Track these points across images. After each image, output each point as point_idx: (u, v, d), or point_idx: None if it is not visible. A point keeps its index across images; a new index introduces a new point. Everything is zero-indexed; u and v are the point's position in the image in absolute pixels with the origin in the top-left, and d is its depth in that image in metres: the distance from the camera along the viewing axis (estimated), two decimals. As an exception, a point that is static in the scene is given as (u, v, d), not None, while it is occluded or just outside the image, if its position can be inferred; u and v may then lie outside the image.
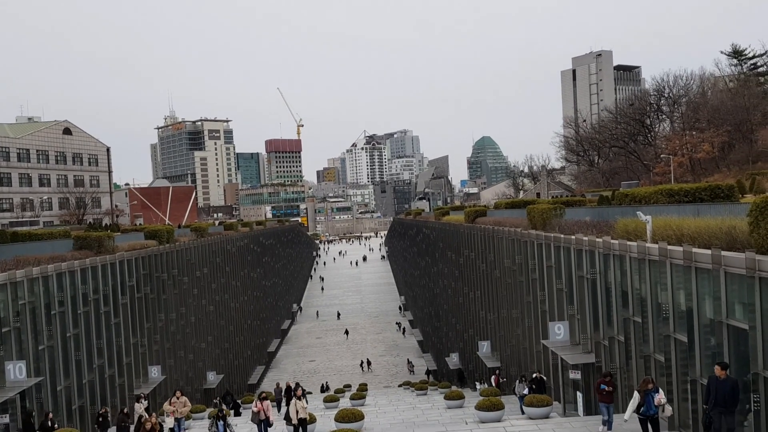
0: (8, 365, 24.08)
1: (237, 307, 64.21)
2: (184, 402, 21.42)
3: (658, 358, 18.75)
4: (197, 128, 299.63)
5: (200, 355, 49.28)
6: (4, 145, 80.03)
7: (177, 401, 21.03)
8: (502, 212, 44.11)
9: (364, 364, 70.46)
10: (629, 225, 21.28)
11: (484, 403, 21.20)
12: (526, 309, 32.67)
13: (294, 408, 19.71)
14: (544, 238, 28.70)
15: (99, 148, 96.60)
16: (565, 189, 78.40)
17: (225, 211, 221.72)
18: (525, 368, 33.58)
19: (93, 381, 31.63)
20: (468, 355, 50.30)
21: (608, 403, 17.58)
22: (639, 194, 26.89)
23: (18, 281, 26.04)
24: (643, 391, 15.38)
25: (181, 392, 22.44)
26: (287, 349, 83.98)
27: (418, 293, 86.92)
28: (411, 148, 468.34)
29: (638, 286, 19.79)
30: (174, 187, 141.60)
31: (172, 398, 21.38)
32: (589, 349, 24.41)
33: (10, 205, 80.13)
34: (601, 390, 17.75)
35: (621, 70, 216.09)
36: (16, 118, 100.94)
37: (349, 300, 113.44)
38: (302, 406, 19.85)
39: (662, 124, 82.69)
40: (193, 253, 49.49)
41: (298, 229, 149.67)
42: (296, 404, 19.80)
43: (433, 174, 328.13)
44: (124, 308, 35.59)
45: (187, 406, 21.90)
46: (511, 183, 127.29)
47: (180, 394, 21.57)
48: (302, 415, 19.70)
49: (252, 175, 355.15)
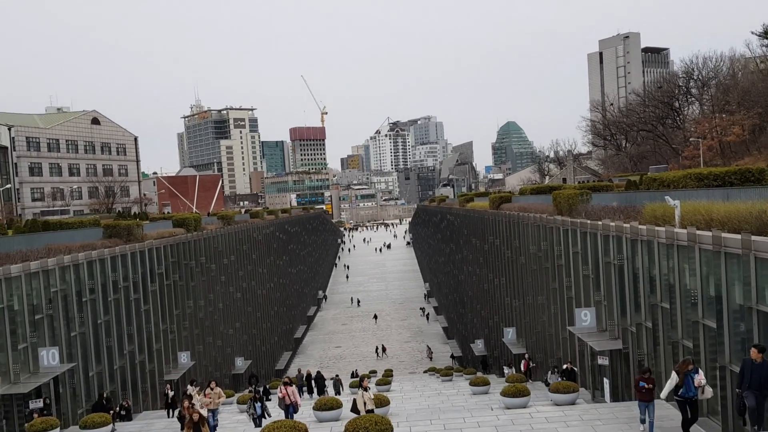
0: (41, 351, 24.68)
1: (263, 294, 64.86)
2: (219, 393, 21.55)
3: (687, 345, 18.56)
4: (223, 117, 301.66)
5: (228, 341, 49.95)
6: (35, 136, 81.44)
7: (211, 392, 21.19)
8: (528, 198, 43.81)
9: (379, 349, 71.02)
10: (657, 210, 21.01)
11: (510, 389, 21.20)
12: (552, 295, 32.50)
13: (361, 399, 18.71)
14: (570, 224, 28.46)
15: (127, 138, 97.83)
16: (592, 174, 77.49)
17: (251, 199, 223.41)
18: (551, 355, 33.47)
19: (124, 367, 32.29)
20: (493, 342, 50.25)
21: (648, 402, 16.33)
22: (667, 178, 26.52)
23: (50, 269, 26.61)
24: (683, 372, 14.78)
25: (216, 383, 22.62)
26: (313, 335, 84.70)
27: (443, 280, 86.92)
28: (435, 135, 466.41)
29: (666, 272, 19.57)
30: (201, 176, 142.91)
31: (206, 389, 21.59)
32: (616, 336, 24.23)
33: (41, 194, 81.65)
34: (640, 387, 16.34)
35: (649, 52, 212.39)
36: (46, 109, 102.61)
37: (373, 287, 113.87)
38: (369, 397, 18.93)
39: (691, 107, 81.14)
40: (220, 241, 50.04)
41: (322, 217, 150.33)
42: (363, 396, 18.82)
43: (457, 160, 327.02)
44: (154, 295, 36.18)
45: (222, 398, 21.95)
46: (537, 168, 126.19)
47: (214, 385, 21.75)
48: (370, 406, 18.70)
49: (277, 163, 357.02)
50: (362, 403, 18.62)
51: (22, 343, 24.53)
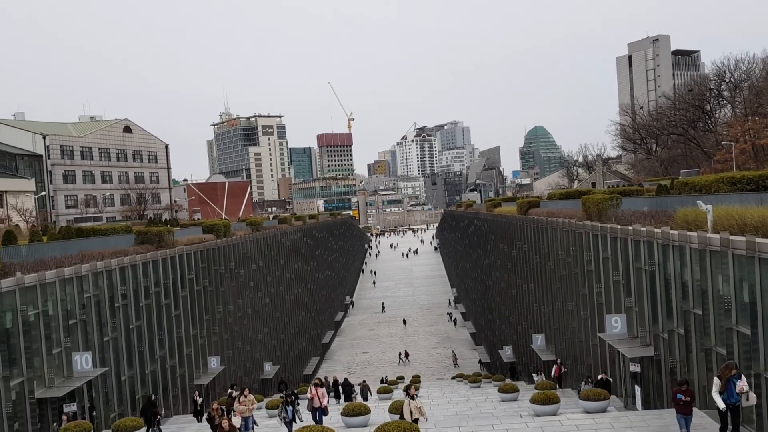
0: (75, 356, 25.12)
1: (291, 299, 65.23)
2: (252, 400, 21.65)
3: (720, 352, 18.22)
4: (251, 124, 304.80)
5: (257, 346, 50.31)
6: (68, 144, 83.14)
7: (245, 399, 21.23)
8: (556, 203, 43.44)
9: (402, 355, 70.90)
10: (689, 215, 20.70)
11: (539, 397, 21.01)
12: (582, 301, 32.16)
13: (408, 408, 18.11)
14: (600, 229, 28.16)
15: (158, 146, 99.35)
16: (622, 178, 76.56)
17: (279, 205, 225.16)
18: (581, 362, 33.10)
19: (155, 371, 32.72)
20: (522, 348, 49.84)
21: (686, 414, 15.72)
22: (699, 183, 26.11)
23: (83, 275, 27.11)
24: (725, 377, 14.22)
25: (249, 390, 22.76)
26: (341, 341, 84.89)
27: (470, 285, 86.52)
28: (461, 140, 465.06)
29: (699, 278, 19.26)
30: (230, 183, 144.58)
31: (240, 397, 21.64)
32: (647, 342, 23.89)
33: (75, 201, 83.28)
34: (677, 400, 15.73)
35: (679, 55, 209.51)
36: (79, 118, 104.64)
37: (400, 292, 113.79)
38: (416, 406, 18.23)
39: (723, 110, 79.75)
40: (249, 247, 50.49)
41: (349, 222, 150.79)
42: (410, 404, 18.24)
43: (484, 165, 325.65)
44: (184, 301, 36.63)
45: (254, 404, 22.05)
46: (565, 173, 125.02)
47: (248, 392, 21.84)
48: (417, 415, 18.12)
49: (304, 169, 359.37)
50: (409, 413, 18.14)
51: (56, 347, 25.01)
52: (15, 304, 22.69)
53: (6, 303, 22.34)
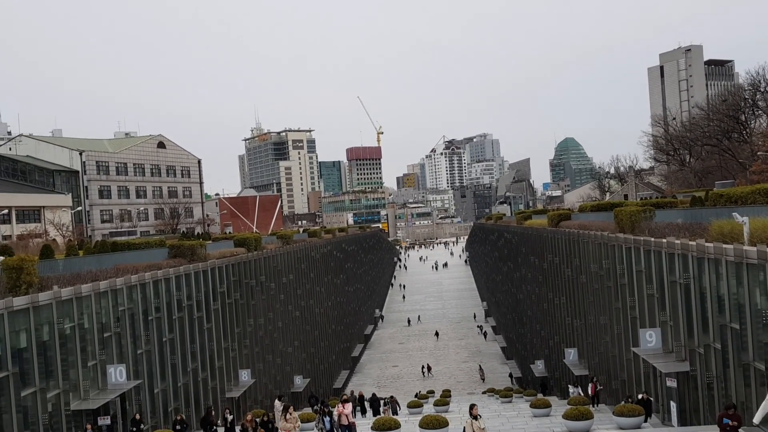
0: (110, 368, 25.52)
1: (321, 313, 65.41)
2: (296, 418, 21.60)
3: (759, 367, 17.78)
4: (282, 139, 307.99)
5: (287, 359, 50.51)
6: (104, 160, 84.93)
7: (290, 417, 21.07)
8: (588, 215, 42.97)
9: (424, 369, 70.69)
10: (725, 227, 20.34)
11: (572, 412, 20.74)
12: (615, 315, 31.68)
13: (470, 428, 17.70)
14: (633, 241, 27.77)
15: (191, 161, 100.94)
16: (655, 190, 75.45)
17: (309, 219, 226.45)
18: (614, 377, 32.55)
19: (187, 384, 33.02)
20: (554, 363, 49.20)
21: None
22: (735, 194, 25.64)
23: (118, 288, 27.58)
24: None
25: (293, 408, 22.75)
26: (370, 354, 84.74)
27: (501, 299, 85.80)
28: (491, 152, 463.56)
29: (735, 291, 18.87)
30: (261, 197, 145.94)
31: (285, 414, 21.51)
32: (683, 357, 23.42)
33: (110, 216, 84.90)
34: (723, 425, 15.11)
35: (712, 65, 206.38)
36: (114, 134, 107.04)
37: (430, 305, 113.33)
38: (479, 426, 17.63)
39: (758, 120, 78.17)
40: (279, 260, 50.85)
41: (379, 236, 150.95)
42: (472, 424, 17.68)
43: (514, 177, 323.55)
44: (216, 314, 36.98)
45: (298, 422, 21.95)
46: (597, 185, 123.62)
47: (292, 410, 21.73)
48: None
49: (334, 182, 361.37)
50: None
51: (91, 360, 25.43)
52: (52, 317, 23.17)
53: (43, 316, 22.82)
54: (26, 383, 21.56)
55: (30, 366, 21.86)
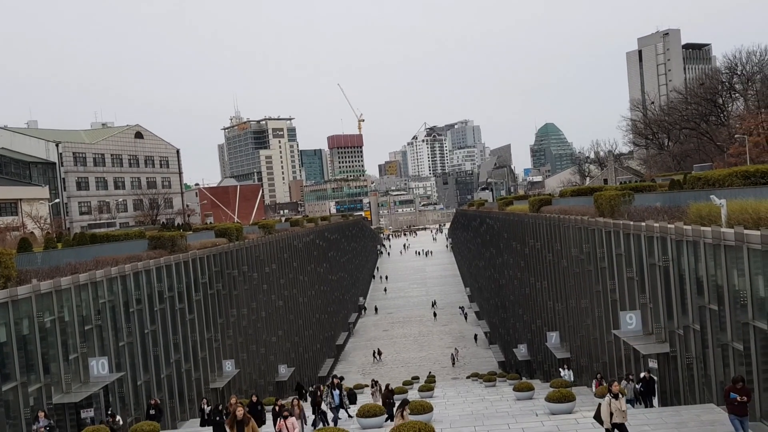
0: (91, 361, 25.33)
1: (305, 302, 65.36)
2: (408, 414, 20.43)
3: (737, 347, 18.08)
4: (261, 127, 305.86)
5: (271, 349, 50.47)
6: (81, 151, 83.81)
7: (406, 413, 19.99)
8: (568, 200, 43.27)
9: (375, 354, 72.59)
10: (703, 210, 20.56)
11: (555, 395, 20.94)
12: (596, 298, 32.01)
13: (607, 409, 15.26)
14: (613, 225, 28.02)
15: (169, 151, 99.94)
16: (634, 174, 76.09)
17: (290, 208, 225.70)
18: (595, 359, 32.94)
19: (171, 375, 32.89)
20: (536, 346, 49.67)
21: (741, 416, 14.37)
22: (712, 177, 25.93)
23: (98, 281, 27.32)
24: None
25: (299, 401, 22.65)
26: (355, 342, 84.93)
27: (484, 285, 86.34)
28: (472, 139, 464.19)
29: (714, 273, 19.12)
30: (241, 186, 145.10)
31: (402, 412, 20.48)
32: (663, 339, 23.74)
33: (88, 207, 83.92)
34: (731, 400, 14.36)
35: (690, 48, 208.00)
36: (91, 125, 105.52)
37: (414, 292, 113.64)
38: (618, 407, 15.16)
39: (735, 103, 79.06)
40: (261, 250, 50.66)
41: (361, 224, 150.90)
42: (611, 404, 15.24)
43: (496, 164, 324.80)
44: (198, 305, 36.80)
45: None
46: (577, 170, 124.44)
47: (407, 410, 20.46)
48: (619, 419, 15.13)
49: (315, 171, 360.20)
50: (608, 414, 15.21)
51: (73, 353, 25.22)
52: (31, 311, 22.91)
53: (23, 310, 22.55)
54: (7, 378, 21.33)
55: (10, 360, 21.62)
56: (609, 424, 15.12)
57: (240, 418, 14.32)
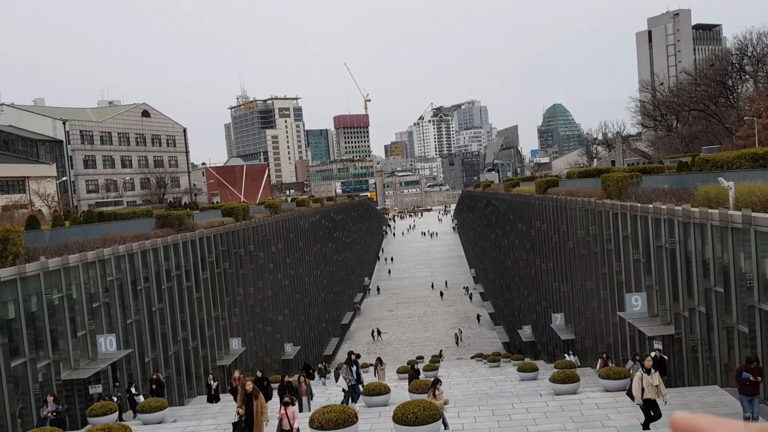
0: (99, 338, 25.57)
1: (311, 281, 65.64)
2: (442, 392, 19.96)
3: (742, 330, 18.10)
4: (268, 107, 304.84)
5: (278, 328, 50.80)
6: (88, 129, 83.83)
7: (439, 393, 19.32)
8: (575, 182, 43.12)
9: (374, 333, 73.53)
10: (710, 192, 20.47)
11: (559, 375, 21.03)
12: (601, 280, 32.02)
13: (639, 384, 14.69)
14: (620, 207, 27.94)
15: (176, 130, 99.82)
16: (642, 156, 75.69)
17: (296, 188, 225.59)
18: (600, 341, 33.03)
19: (178, 352, 33.19)
20: (541, 328, 49.83)
21: (752, 396, 14.15)
22: (721, 159, 25.78)
23: (106, 259, 27.49)
24: None
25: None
26: (360, 322, 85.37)
27: (489, 266, 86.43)
28: (479, 119, 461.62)
29: (720, 255, 19.08)
30: (248, 166, 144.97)
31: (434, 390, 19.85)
32: (668, 321, 23.77)
33: (96, 186, 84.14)
34: (743, 379, 14.12)
35: (700, 29, 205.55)
36: (98, 103, 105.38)
37: (419, 273, 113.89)
38: (650, 382, 14.47)
39: (745, 85, 78.34)
40: (268, 230, 50.79)
41: (367, 204, 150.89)
42: (642, 379, 14.61)
43: (502, 145, 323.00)
44: (205, 283, 37.01)
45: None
46: (584, 151, 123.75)
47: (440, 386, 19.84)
48: (651, 395, 14.43)
49: (321, 151, 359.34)
50: (639, 389, 14.57)
51: (81, 330, 25.45)
52: (40, 288, 23.09)
53: (31, 287, 22.73)
54: (16, 354, 21.57)
55: (19, 336, 21.84)
56: (640, 399, 14.63)
57: (249, 391, 14.49)
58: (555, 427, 16.74)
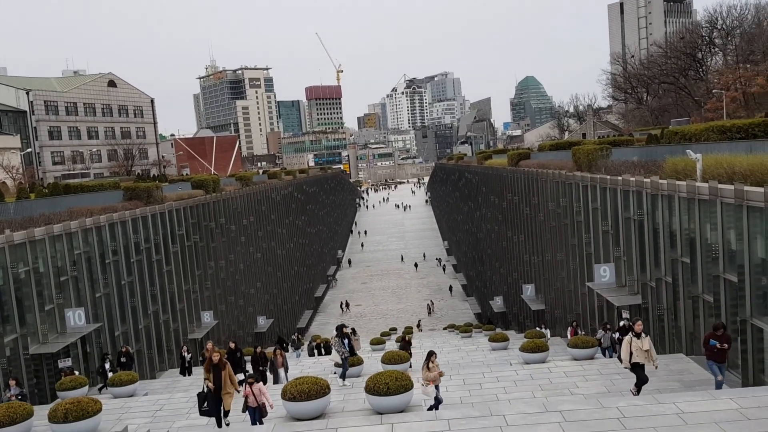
0: (68, 312, 25.23)
1: (283, 254, 65.43)
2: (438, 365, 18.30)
3: (707, 299, 18.50)
4: (238, 77, 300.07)
5: (250, 301, 50.67)
6: (53, 100, 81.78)
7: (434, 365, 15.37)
8: (547, 154, 43.40)
9: (343, 305, 74.37)
10: (678, 164, 20.73)
11: (529, 345, 21.33)
12: (571, 252, 32.43)
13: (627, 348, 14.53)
14: (590, 179, 28.20)
15: (143, 100, 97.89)
16: (612, 128, 76.40)
17: (268, 160, 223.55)
18: (569, 311, 33.56)
19: (149, 326, 32.94)
20: (512, 299, 50.47)
21: (720, 363, 14.27)
22: (689, 132, 26.09)
23: (73, 232, 27.01)
24: None
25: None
26: (333, 294, 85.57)
27: (462, 238, 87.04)
28: (452, 91, 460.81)
29: (687, 227, 19.40)
30: (218, 137, 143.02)
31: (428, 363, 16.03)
32: (635, 291, 24.21)
33: (62, 158, 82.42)
34: (710, 347, 14.16)
35: (671, 1, 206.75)
36: (62, 72, 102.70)
37: (393, 246, 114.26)
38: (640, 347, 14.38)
39: (714, 58, 79.19)
40: (239, 202, 50.33)
41: (340, 177, 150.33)
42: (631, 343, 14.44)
43: (475, 117, 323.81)
44: (175, 256, 36.65)
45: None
46: (556, 124, 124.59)
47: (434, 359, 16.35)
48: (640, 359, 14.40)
49: (293, 123, 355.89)
50: (627, 353, 14.48)
51: (48, 304, 25.07)
52: (5, 262, 22.63)
53: (-5, 261, 22.27)
54: (-19, 329, 21.17)
55: (-16, 311, 21.42)
56: (628, 363, 14.59)
57: (216, 362, 14.01)
58: (524, 395, 17.01)
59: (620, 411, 11.35)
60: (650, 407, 11.44)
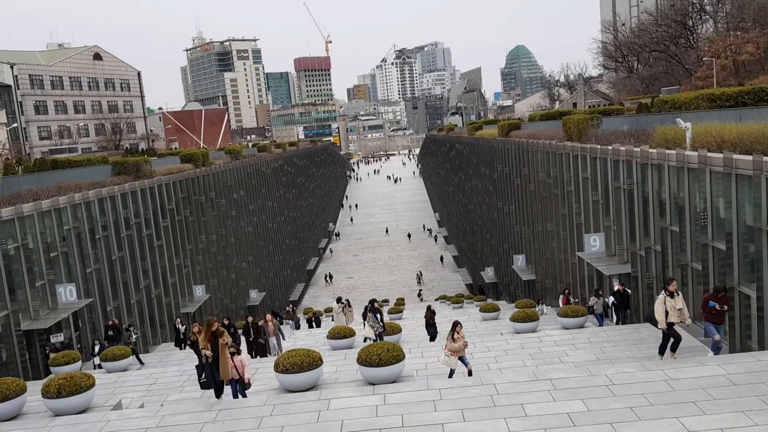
0: (59, 288, 25.17)
1: (275, 228, 65.38)
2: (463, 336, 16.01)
3: (696, 267, 18.67)
4: (225, 49, 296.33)
5: (242, 274, 50.73)
6: (37, 73, 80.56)
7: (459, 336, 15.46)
8: (537, 124, 43.30)
9: (326, 277, 75.36)
10: (668, 133, 20.74)
11: (519, 315, 21.51)
12: (561, 222, 32.57)
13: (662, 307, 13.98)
14: (580, 149, 28.20)
15: (130, 73, 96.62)
16: (603, 98, 76.18)
17: (258, 133, 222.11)
18: (560, 280, 33.82)
19: (141, 301, 32.96)
20: (503, 269, 50.77)
21: (718, 324, 14.05)
22: (679, 100, 26.04)
23: (62, 207, 26.83)
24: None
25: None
26: (325, 267, 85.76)
27: (453, 209, 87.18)
28: (442, 62, 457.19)
29: (676, 195, 19.49)
30: (207, 110, 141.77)
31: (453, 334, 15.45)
32: (625, 260, 24.38)
33: (49, 133, 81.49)
34: (709, 308, 13.95)
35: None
36: (47, 45, 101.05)
37: (383, 218, 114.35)
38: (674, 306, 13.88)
39: (705, 25, 78.78)
40: (229, 176, 50.10)
41: (330, 149, 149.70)
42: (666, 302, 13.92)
43: (466, 87, 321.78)
44: (166, 231, 36.55)
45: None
46: (547, 94, 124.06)
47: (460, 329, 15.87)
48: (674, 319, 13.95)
49: (282, 95, 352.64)
50: (662, 312, 13.93)
51: (39, 280, 25.00)
52: (-7, 239, 22.48)
53: (-16, 237, 22.12)
54: (-29, 306, 21.11)
55: (-26, 288, 21.34)
56: (664, 323, 13.96)
57: (214, 329, 13.71)
58: (515, 364, 17.20)
59: (609, 378, 11.51)
60: (638, 374, 11.60)
